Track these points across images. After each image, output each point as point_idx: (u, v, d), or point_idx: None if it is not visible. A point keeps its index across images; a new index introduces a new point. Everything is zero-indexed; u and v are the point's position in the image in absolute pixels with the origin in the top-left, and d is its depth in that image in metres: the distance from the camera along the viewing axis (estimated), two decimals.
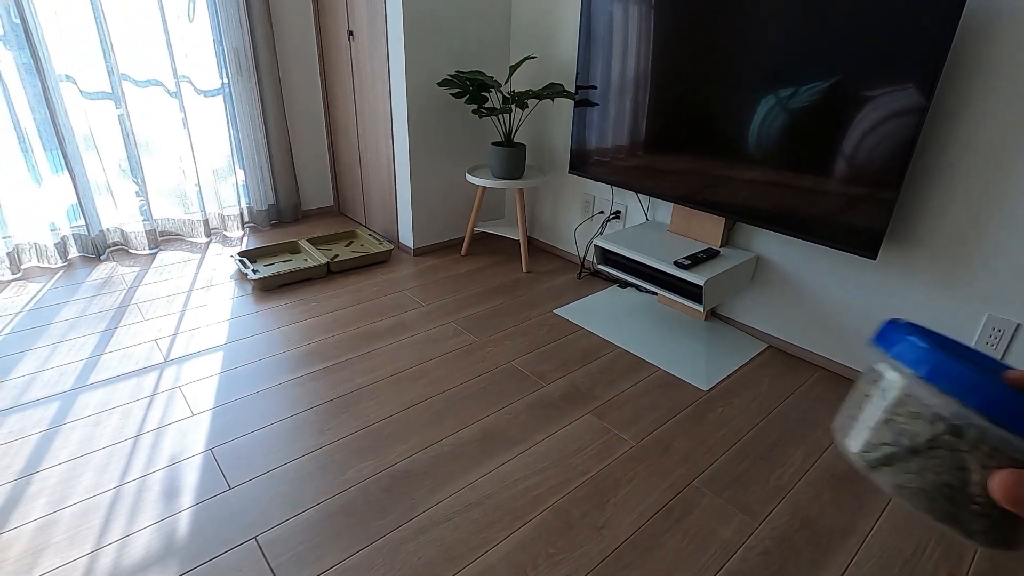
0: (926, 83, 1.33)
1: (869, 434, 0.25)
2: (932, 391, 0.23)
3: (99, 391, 1.60)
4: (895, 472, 0.24)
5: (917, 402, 0.24)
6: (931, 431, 0.24)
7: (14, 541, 1.14)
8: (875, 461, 0.25)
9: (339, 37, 2.64)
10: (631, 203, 2.29)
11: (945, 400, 0.23)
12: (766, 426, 1.57)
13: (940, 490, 0.24)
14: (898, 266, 1.62)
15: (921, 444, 0.24)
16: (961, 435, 0.23)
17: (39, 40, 2.13)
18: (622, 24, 1.93)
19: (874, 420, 0.25)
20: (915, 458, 0.24)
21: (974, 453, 0.23)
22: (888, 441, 0.24)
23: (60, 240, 2.38)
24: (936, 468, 0.24)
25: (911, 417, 0.24)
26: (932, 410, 0.23)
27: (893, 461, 0.24)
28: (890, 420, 0.24)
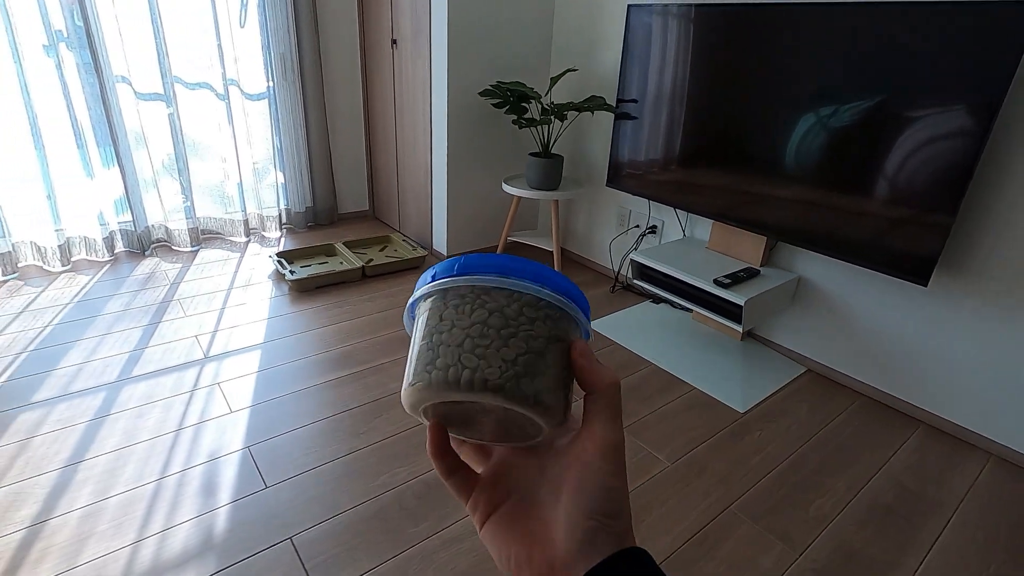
0: (988, 105, 1.29)
1: (503, 352, 0.25)
2: (537, 289, 0.25)
3: (142, 384, 1.64)
4: (531, 380, 0.25)
5: (531, 306, 0.25)
6: (546, 328, 0.25)
7: (62, 527, 1.17)
8: (515, 376, 0.24)
9: (383, 45, 2.69)
10: (668, 218, 2.27)
11: (553, 295, 0.25)
12: (805, 453, 1.52)
13: (559, 381, 0.25)
14: (951, 294, 1.56)
15: (543, 344, 0.25)
16: (558, 323, 0.26)
17: (99, 42, 2.21)
18: (664, 39, 1.92)
19: (500, 337, 0.25)
20: (540, 360, 0.25)
21: (568, 337, 0.26)
22: (522, 351, 0.25)
23: (108, 235, 2.46)
24: (556, 361, 0.25)
25: (532, 322, 0.25)
26: (544, 308, 0.25)
27: (530, 369, 0.25)
28: (515, 331, 0.25)
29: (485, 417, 0.27)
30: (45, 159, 2.25)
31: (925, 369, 1.66)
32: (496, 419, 0.27)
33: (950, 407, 1.63)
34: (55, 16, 2.12)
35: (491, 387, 0.24)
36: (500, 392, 0.24)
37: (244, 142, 2.69)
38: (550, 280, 0.26)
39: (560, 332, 0.26)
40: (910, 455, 1.54)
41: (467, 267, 0.26)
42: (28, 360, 1.71)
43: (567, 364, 0.26)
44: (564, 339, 0.26)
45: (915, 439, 1.61)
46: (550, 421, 0.26)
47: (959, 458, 1.54)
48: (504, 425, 0.27)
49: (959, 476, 1.47)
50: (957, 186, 1.37)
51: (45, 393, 1.57)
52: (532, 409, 0.25)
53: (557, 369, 0.25)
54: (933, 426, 1.67)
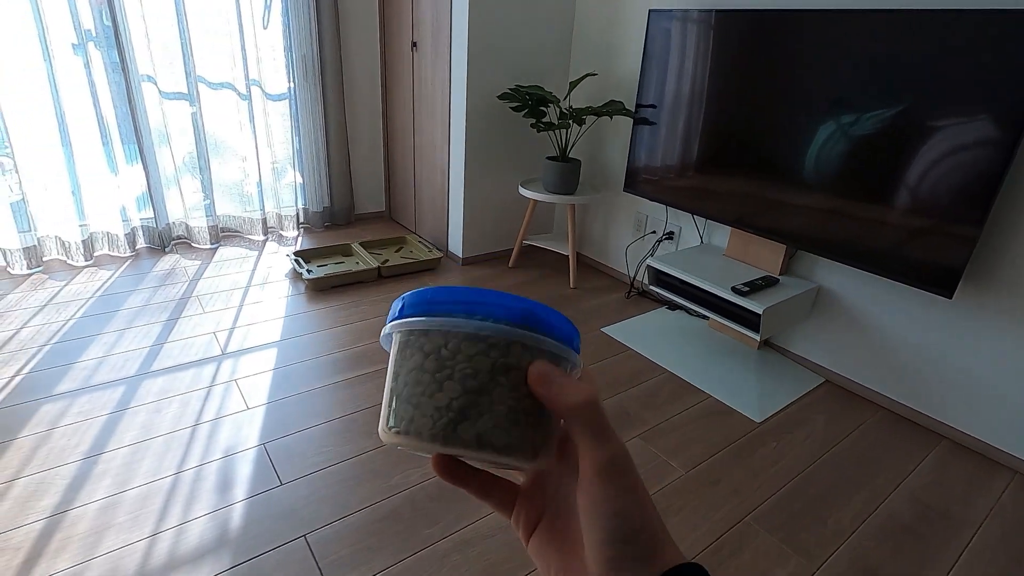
0: (1017, 115, 1.26)
1: (436, 399, 0.24)
2: (476, 323, 0.24)
3: (161, 379, 1.66)
4: (472, 423, 0.23)
5: (470, 341, 0.24)
6: (489, 360, 0.24)
7: (81, 518, 1.18)
8: (451, 423, 0.23)
9: (403, 48, 2.71)
10: (685, 224, 2.26)
11: (492, 325, 0.24)
12: (823, 465, 1.50)
13: (508, 417, 0.24)
14: (977, 307, 1.53)
15: (485, 379, 0.24)
16: (508, 353, 0.24)
17: (127, 42, 2.26)
18: (684, 45, 1.91)
19: (435, 381, 0.24)
20: (483, 398, 0.24)
21: (522, 364, 0.24)
22: (456, 394, 0.23)
23: (130, 231, 2.50)
24: (501, 397, 0.24)
25: (470, 359, 0.24)
26: (483, 340, 0.24)
27: (467, 411, 0.23)
28: (451, 373, 0.24)
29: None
30: (72, 156, 2.29)
31: (948, 383, 1.62)
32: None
33: (974, 423, 1.59)
34: (85, 16, 2.17)
35: (426, 438, 0.23)
36: (437, 442, 0.23)
37: (264, 142, 2.72)
38: (485, 306, 0.24)
39: (511, 361, 0.24)
40: (931, 471, 1.51)
41: (407, 307, 0.25)
42: (51, 352, 1.74)
43: (529, 392, 0.24)
44: (517, 367, 0.24)
45: (936, 455, 1.58)
46: (518, 459, 0.24)
47: (982, 476, 1.51)
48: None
49: (982, 495, 1.44)
50: (984, 198, 1.34)
51: (67, 385, 1.60)
52: (481, 453, 0.23)
53: (512, 402, 0.24)
54: (955, 442, 1.63)
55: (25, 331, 1.85)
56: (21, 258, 2.25)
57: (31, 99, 2.16)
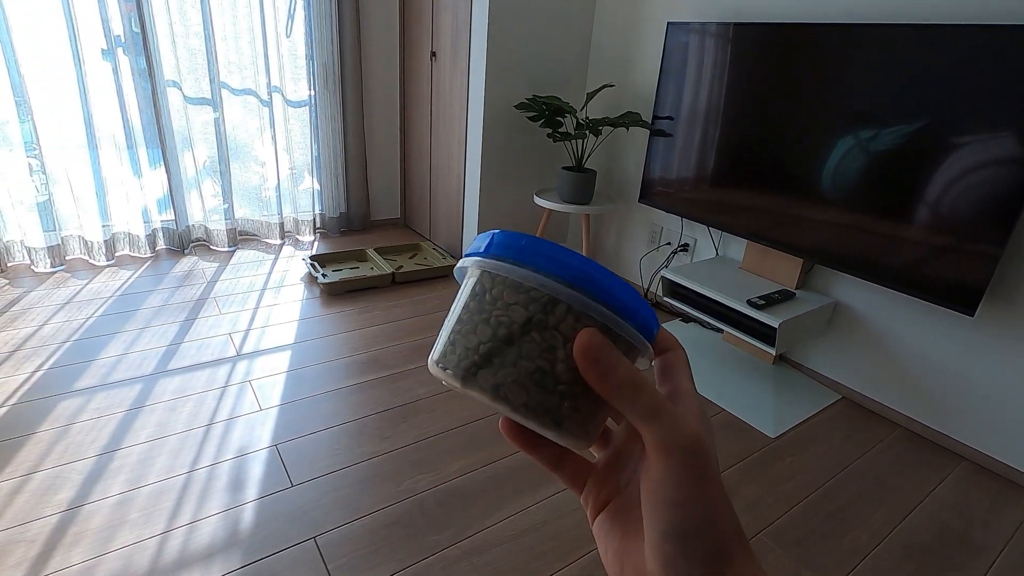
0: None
1: (468, 339, 0.24)
2: (522, 272, 0.23)
3: (177, 378, 1.68)
4: (493, 371, 0.23)
5: (513, 289, 0.23)
6: (526, 313, 0.23)
7: (95, 513, 1.20)
8: (473, 365, 0.23)
9: (422, 57, 2.74)
10: (701, 237, 2.25)
11: (535, 276, 0.23)
12: (840, 483, 1.47)
13: (533, 376, 0.23)
14: (1001, 326, 1.50)
15: (516, 330, 0.23)
16: (551, 311, 0.23)
17: (154, 48, 2.31)
18: (702, 57, 1.91)
19: (472, 322, 0.24)
20: (510, 348, 0.23)
21: (562, 327, 0.23)
22: (486, 339, 0.23)
23: (151, 232, 2.54)
24: (529, 353, 0.23)
25: (507, 307, 0.23)
26: (526, 292, 0.23)
27: (492, 358, 0.23)
28: (488, 317, 0.23)
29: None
30: (97, 158, 2.34)
31: (969, 403, 1.59)
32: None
33: (996, 444, 1.56)
34: (115, 23, 2.22)
35: (451, 375, 0.24)
36: (457, 379, 0.23)
37: (283, 147, 2.76)
38: (544, 257, 0.23)
39: (551, 320, 0.23)
40: (951, 492, 1.48)
41: (486, 245, 0.25)
42: (71, 349, 1.77)
43: (565, 358, 0.23)
44: (556, 328, 0.23)
45: (957, 475, 1.54)
46: (538, 424, 0.23)
47: (1005, 498, 1.47)
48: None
49: (1005, 517, 1.40)
50: (1007, 216, 1.32)
51: (85, 382, 1.62)
52: (496, 404, 0.23)
53: (541, 363, 0.23)
54: (977, 463, 1.59)
55: (47, 328, 1.88)
56: (45, 256, 2.30)
57: (61, 102, 2.22)
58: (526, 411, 0.23)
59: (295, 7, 2.61)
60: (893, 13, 1.58)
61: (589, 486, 0.27)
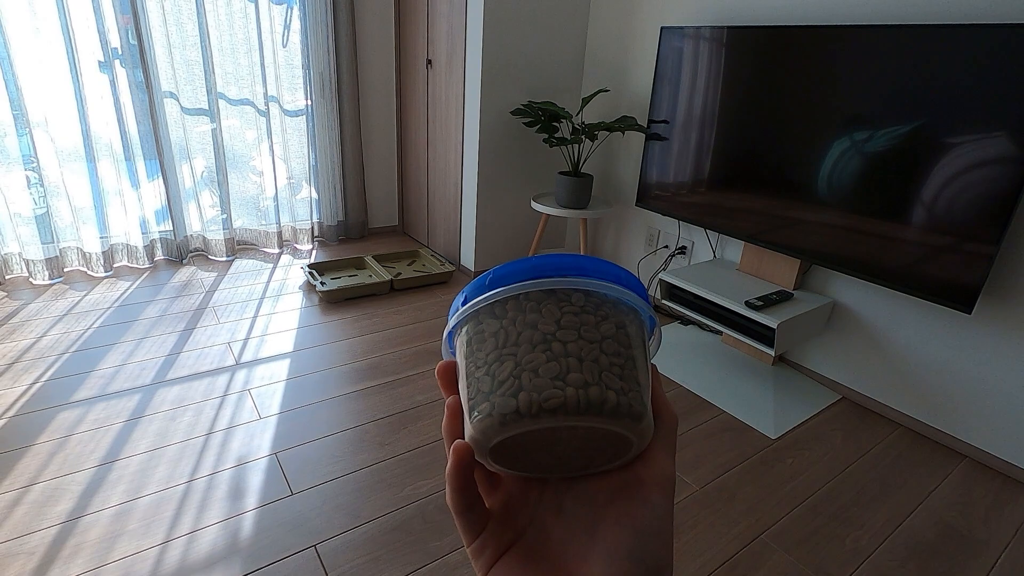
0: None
1: (603, 361, 0.22)
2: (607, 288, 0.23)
3: (176, 388, 1.67)
4: (643, 393, 0.22)
5: (612, 305, 0.23)
6: (638, 333, 0.23)
7: (94, 524, 1.19)
8: (622, 390, 0.21)
9: (417, 65, 2.76)
10: (698, 239, 2.25)
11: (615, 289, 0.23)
12: (841, 483, 1.47)
13: (644, 381, 0.23)
14: (998, 323, 1.51)
15: (639, 348, 0.23)
16: (630, 320, 0.23)
17: (151, 60, 2.32)
18: (696, 61, 1.93)
19: (594, 343, 0.22)
20: (636, 366, 0.22)
21: (630, 331, 0.23)
22: (619, 360, 0.22)
23: (149, 243, 2.54)
24: (645, 364, 0.23)
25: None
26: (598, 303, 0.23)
27: (632, 377, 0.22)
28: (609, 336, 0.22)
29: (555, 447, 0.23)
30: (95, 170, 2.35)
31: (969, 401, 1.59)
32: (569, 447, 0.22)
33: (996, 442, 1.56)
34: (112, 35, 2.24)
35: (606, 409, 0.20)
36: (613, 413, 0.21)
37: (281, 157, 2.77)
38: (606, 272, 0.23)
39: (644, 335, 0.23)
40: (953, 491, 1.47)
41: (507, 276, 0.23)
42: (69, 361, 1.77)
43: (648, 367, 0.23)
44: (646, 343, 0.23)
45: (958, 474, 1.54)
46: (644, 440, 0.22)
47: (1006, 496, 1.47)
48: (572, 454, 0.23)
49: (1006, 516, 1.40)
50: (1000, 214, 1.33)
51: (84, 393, 1.62)
52: (634, 428, 0.21)
53: (647, 377, 0.23)
54: (978, 461, 1.59)
55: (45, 339, 1.88)
56: (43, 268, 2.30)
57: (58, 115, 2.23)
58: (650, 428, 0.22)
59: (291, 17, 2.63)
60: (885, 15, 1.59)
61: (487, 534, 0.26)
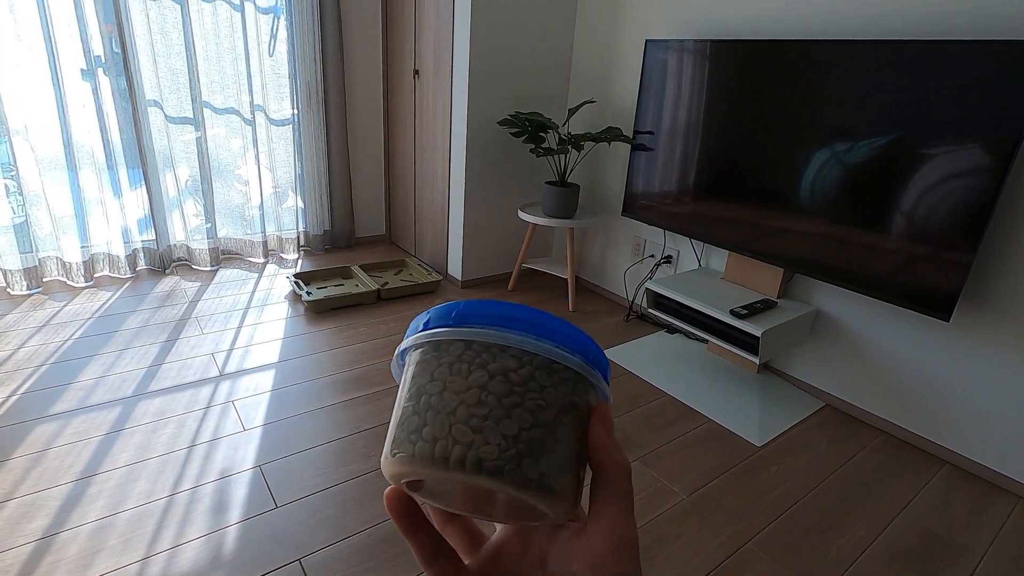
0: (1007, 142, 1.29)
1: (504, 427, 0.21)
2: (554, 352, 0.21)
3: (158, 400, 1.65)
4: (535, 461, 0.21)
5: (545, 371, 0.21)
6: (560, 396, 0.21)
7: (72, 541, 1.16)
8: (518, 455, 0.20)
9: (405, 75, 2.77)
10: (683, 248, 2.28)
11: (569, 357, 0.21)
12: (825, 490, 1.49)
13: (568, 461, 0.21)
14: (975, 328, 1.54)
15: (551, 415, 0.21)
16: (576, 391, 0.22)
17: (135, 68, 2.31)
18: (680, 73, 1.96)
19: (506, 408, 0.21)
20: (550, 434, 0.21)
21: (581, 407, 0.22)
22: (527, 425, 0.21)
23: (131, 252, 2.51)
24: (563, 437, 0.21)
25: (541, 389, 0.21)
26: (559, 373, 0.21)
27: (536, 447, 0.21)
28: (522, 401, 0.21)
29: (482, 493, 0.23)
30: (76, 179, 2.32)
31: (949, 407, 1.62)
32: (495, 497, 0.23)
33: (976, 447, 1.58)
34: (95, 43, 2.22)
35: (486, 469, 0.20)
36: (497, 475, 0.20)
37: (267, 166, 2.75)
38: (566, 336, 0.22)
39: (576, 399, 0.22)
40: (934, 496, 1.49)
41: (466, 316, 0.22)
42: (48, 373, 1.73)
43: (581, 436, 0.22)
44: (580, 407, 0.22)
45: (939, 480, 1.56)
46: (558, 508, 0.22)
47: (986, 501, 1.49)
48: (503, 504, 0.24)
49: (986, 520, 1.42)
50: (976, 223, 1.36)
51: (62, 406, 1.58)
52: (535, 495, 0.21)
53: (570, 444, 0.22)
54: (958, 466, 1.62)
55: (22, 351, 1.84)
56: (21, 279, 2.25)
57: (39, 123, 2.20)
58: (562, 498, 0.21)
59: (277, 27, 2.63)
60: (864, 30, 1.63)
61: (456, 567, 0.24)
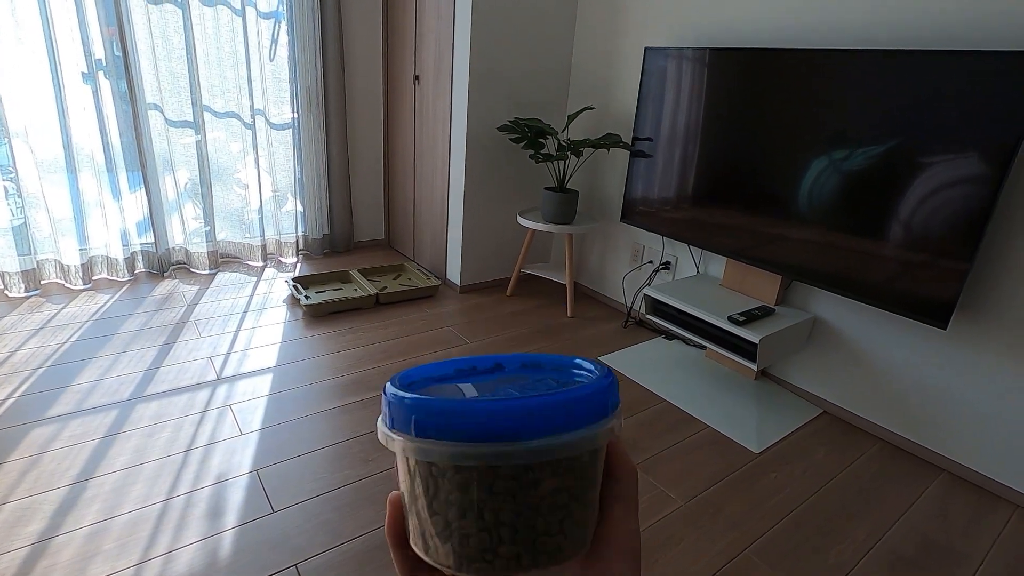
0: (1004, 151, 1.30)
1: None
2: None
3: (155, 403, 1.64)
4: (573, 533, 0.21)
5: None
6: (584, 477, 0.21)
7: (67, 545, 1.16)
8: (557, 547, 0.21)
9: (405, 81, 2.78)
10: (682, 255, 2.28)
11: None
12: (823, 497, 1.48)
13: (587, 520, 0.22)
14: (973, 338, 1.54)
15: (568, 497, 0.21)
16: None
17: (136, 71, 2.31)
18: (679, 81, 1.97)
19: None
20: (569, 514, 0.21)
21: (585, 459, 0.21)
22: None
23: (129, 255, 2.50)
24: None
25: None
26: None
27: (571, 527, 0.21)
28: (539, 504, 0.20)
29: None
30: (76, 181, 2.32)
31: (946, 415, 1.62)
32: None
33: (973, 455, 1.59)
34: (96, 46, 2.22)
35: (540, 566, 0.21)
36: (547, 565, 0.21)
37: (266, 170, 2.76)
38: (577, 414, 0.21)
39: (597, 459, 0.22)
40: (932, 504, 1.49)
41: (439, 428, 0.20)
42: (44, 375, 1.73)
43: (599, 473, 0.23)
44: (598, 467, 0.22)
45: (937, 487, 1.56)
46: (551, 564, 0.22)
47: (984, 509, 1.49)
48: None
49: (984, 528, 1.42)
50: (973, 232, 1.37)
51: (59, 409, 1.58)
52: (576, 555, 0.22)
53: (594, 507, 0.22)
54: (956, 474, 1.62)
55: (19, 354, 1.83)
56: (19, 281, 2.25)
57: (39, 125, 2.20)
58: (588, 536, 0.22)
59: (278, 31, 2.64)
60: (862, 39, 1.65)
61: None
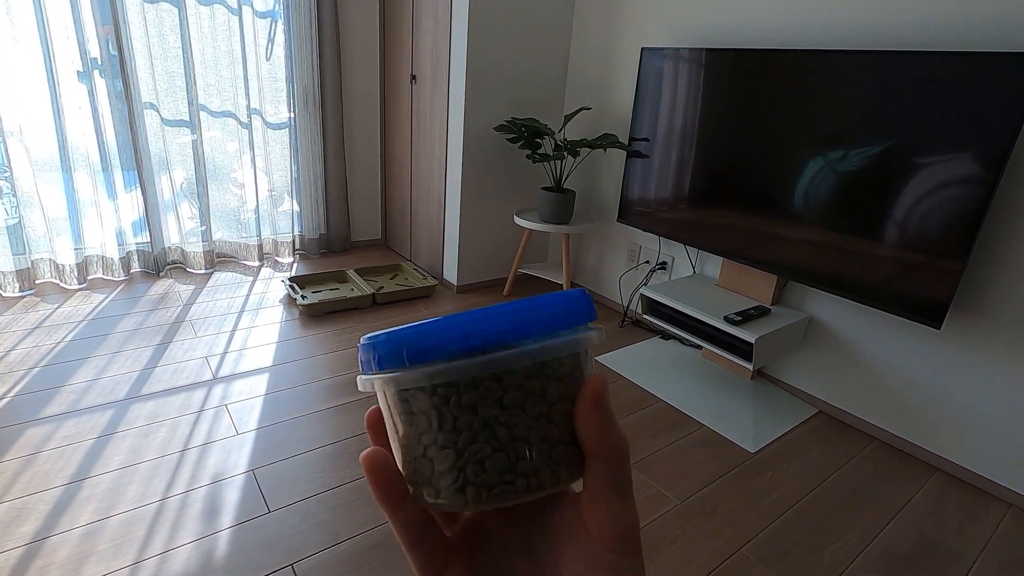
0: (998, 152, 1.31)
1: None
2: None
3: (150, 403, 1.64)
4: (554, 461, 0.20)
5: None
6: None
7: (61, 545, 1.15)
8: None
9: (402, 81, 2.78)
10: (678, 255, 2.29)
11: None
12: (818, 496, 1.49)
13: (568, 443, 0.21)
14: (967, 338, 1.55)
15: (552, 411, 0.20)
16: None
17: (132, 71, 2.30)
18: (676, 81, 1.97)
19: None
20: (554, 424, 0.21)
21: (549, 390, 0.20)
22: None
23: (125, 255, 2.50)
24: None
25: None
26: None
27: (547, 446, 0.20)
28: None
29: None
30: (71, 181, 2.31)
31: (941, 414, 1.63)
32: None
33: (967, 454, 1.59)
34: (92, 45, 2.21)
35: (560, 484, 0.21)
36: (530, 493, 0.20)
37: (263, 169, 2.75)
38: (544, 321, 0.20)
39: (574, 384, 0.21)
40: (927, 502, 1.50)
41: (430, 351, 0.20)
42: (39, 375, 1.72)
43: (557, 416, 0.21)
44: (578, 382, 0.21)
45: (931, 486, 1.57)
46: (573, 480, 0.21)
47: (978, 507, 1.50)
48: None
49: (978, 526, 1.43)
50: (967, 232, 1.38)
51: (54, 409, 1.57)
52: (557, 487, 0.21)
53: (568, 420, 0.21)
54: (950, 473, 1.63)
55: (14, 353, 1.83)
56: (14, 280, 2.24)
57: (34, 124, 2.19)
58: (574, 469, 0.21)
59: (275, 31, 2.63)
60: (858, 40, 1.65)
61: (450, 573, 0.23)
